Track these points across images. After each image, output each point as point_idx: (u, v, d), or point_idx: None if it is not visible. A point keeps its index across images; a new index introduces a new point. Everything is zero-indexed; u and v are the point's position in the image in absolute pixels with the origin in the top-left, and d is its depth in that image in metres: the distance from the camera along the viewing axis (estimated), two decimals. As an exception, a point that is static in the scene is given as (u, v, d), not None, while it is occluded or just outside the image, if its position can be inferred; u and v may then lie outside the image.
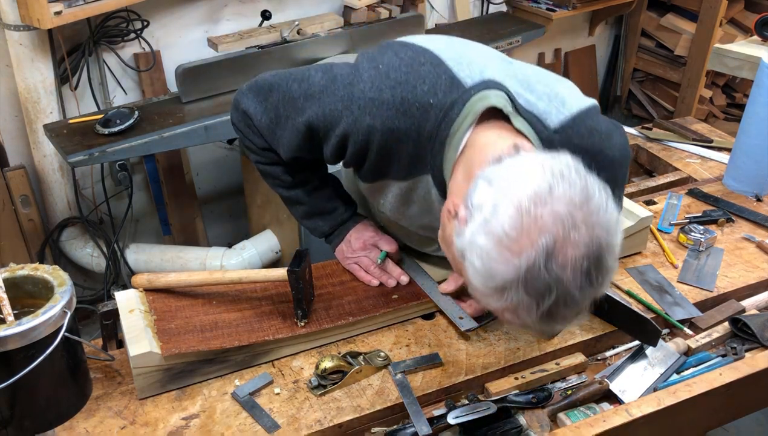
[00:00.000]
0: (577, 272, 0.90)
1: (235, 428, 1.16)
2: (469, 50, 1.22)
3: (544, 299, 0.90)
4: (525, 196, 0.89)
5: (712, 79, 4.23)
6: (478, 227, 0.92)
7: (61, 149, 2.28)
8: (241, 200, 3.16)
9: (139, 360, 1.18)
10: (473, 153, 1.10)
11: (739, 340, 1.40)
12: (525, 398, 1.22)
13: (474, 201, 0.95)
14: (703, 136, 2.18)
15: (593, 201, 0.91)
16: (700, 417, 1.31)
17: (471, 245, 0.93)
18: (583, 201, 0.90)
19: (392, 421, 1.22)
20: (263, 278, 1.34)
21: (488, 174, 0.96)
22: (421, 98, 1.13)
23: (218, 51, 2.70)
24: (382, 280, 1.43)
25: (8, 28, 2.39)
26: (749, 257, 1.61)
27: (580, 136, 1.15)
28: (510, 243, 0.89)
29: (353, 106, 1.15)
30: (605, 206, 0.92)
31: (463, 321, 1.33)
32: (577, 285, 0.90)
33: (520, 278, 0.89)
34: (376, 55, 1.19)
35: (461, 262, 0.97)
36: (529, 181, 0.91)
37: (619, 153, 1.21)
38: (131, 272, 2.83)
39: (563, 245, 0.88)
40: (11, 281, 1.17)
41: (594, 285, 0.92)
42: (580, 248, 0.89)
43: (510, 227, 0.89)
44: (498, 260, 0.90)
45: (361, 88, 1.15)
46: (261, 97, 1.28)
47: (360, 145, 1.17)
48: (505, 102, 1.11)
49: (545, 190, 0.89)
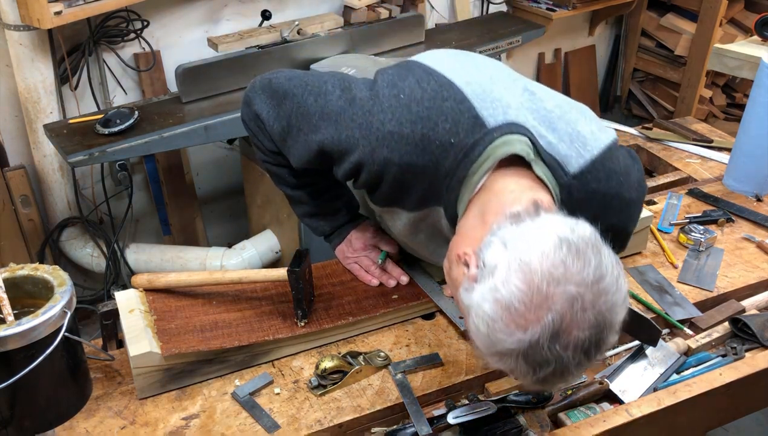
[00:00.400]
0: (577, 351, 0.90)
1: (235, 428, 1.16)
2: (494, 84, 1.16)
3: (542, 370, 0.91)
4: (539, 270, 0.89)
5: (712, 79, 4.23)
6: (487, 292, 0.92)
7: (61, 149, 2.28)
8: (241, 200, 3.16)
9: (139, 360, 1.18)
10: (490, 197, 1.09)
11: (739, 340, 1.40)
12: (525, 398, 1.22)
13: (486, 260, 0.94)
14: (703, 136, 2.18)
15: (605, 281, 0.91)
16: (700, 417, 1.31)
17: (477, 308, 0.93)
18: (595, 281, 0.90)
19: (392, 421, 1.22)
20: (263, 278, 1.34)
21: (504, 234, 0.95)
22: (442, 136, 1.10)
23: (218, 51, 2.70)
24: (382, 280, 1.43)
25: (8, 28, 2.38)
26: (749, 257, 1.61)
27: (597, 180, 1.14)
28: (517, 316, 0.89)
29: (371, 136, 1.12)
30: (615, 286, 0.92)
31: (463, 321, 1.33)
32: (576, 362, 0.91)
33: (521, 351, 0.90)
34: (397, 81, 1.15)
35: (465, 315, 0.98)
36: (544, 255, 0.90)
37: (636, 193, 1.21)
38: (131, 272, 2.83)
39: (569, 326, 0.88)
40: (11, 281, 1.17)
41: (591, 360, 0.93)
42: (584, 331, 0.89)
43: (519, 301, 0.89)
44: (502, 329, 0.90)
45: (380, 118, 1.11)
46: (274, 102, 1.25)
47: (374, 175, 1.15)
48: (527, 149, 1.09)
49: (560, 267, 0.89)
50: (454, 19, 3.68)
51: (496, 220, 1.00)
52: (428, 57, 1.21)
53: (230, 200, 3.36)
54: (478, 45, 3.09)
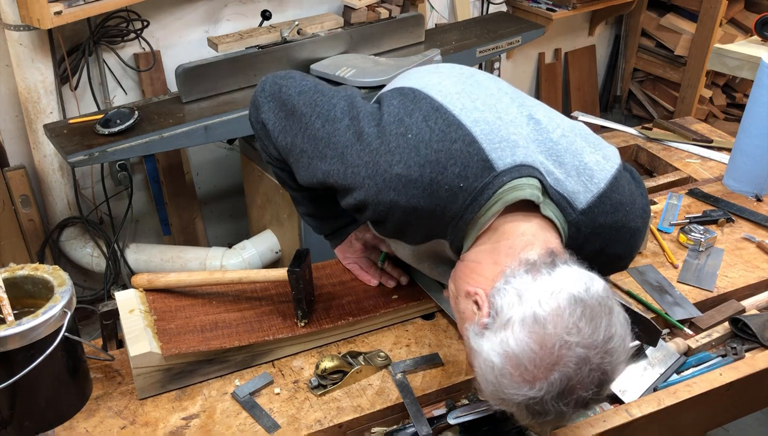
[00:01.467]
0: (578, 406, 0.95)
1: (235, 428, 1.16)
2: (500, 119, 1.14)
3: (541, 417, 0.96)
4: (552, 333, 0.91)
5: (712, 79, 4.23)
6: (498, 345, 0.94)
7: (61, 149, 2.28)
8: (241, 200, 3.16)
9: (139, 360, 1.18)
10: (499, 237, 1.09)
11: (739, 340, 1.40)
12: (525, 398, 1.22)
13: (499, 308, 0.96)
14: (703, 136, 2.18)
15: (613, 343, 0.94)
16: (700, 417, 1.31)
17: (487, 357, 0.95)
18: (604, 343, 0.93)
19: (392, 421, 1.22)
20: (263, 278, 1.34)
21: (519, 285, 0.97)
22: (451, 181, 1.08)
23: (218, 51, 2.70)
24: (381, 280, 1.43)
25: (8, 28, 2.38)
26: (749, 257, 1.61)
27: (605, 214, 1.15)
28: (525, 373, 0.92)
29: (377, 177, 1.10)
30: (622, 347, 0.96)
31: (463, 321, 1.33)
32: (574, 413, 0.96)
33: (525, 402, 0.94)
34: (404, 116, 1.12)
35: (470, 355, 1.01)
36: (558, 317, 0.92)
37: (641, 221, 1.21)
38: (131, 272, 2.83)
39: (574, 386, 0.92)
40: (11, 281, 1.17)
41: (588, 410, 0.99)
42: (587, 389, 0.93)
43: (529, 360, 0.92)
44: (510, 382, 0.93)
45: (388, 160, 1.09)
46: (281, 115, 1.23)
47: (380, 214, 1.13)
48: (536, 193, 1.09)
49: (573, 330, 0.91)
50: (454, 19, 3.68)
51: (508, 263, 1.01)
52: (431, 82, 1.18)
53: (230, 200, 3.36)
54: (478, 45, 3.09)
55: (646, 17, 4.33)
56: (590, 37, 4.45)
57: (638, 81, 4.56)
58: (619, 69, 4.57)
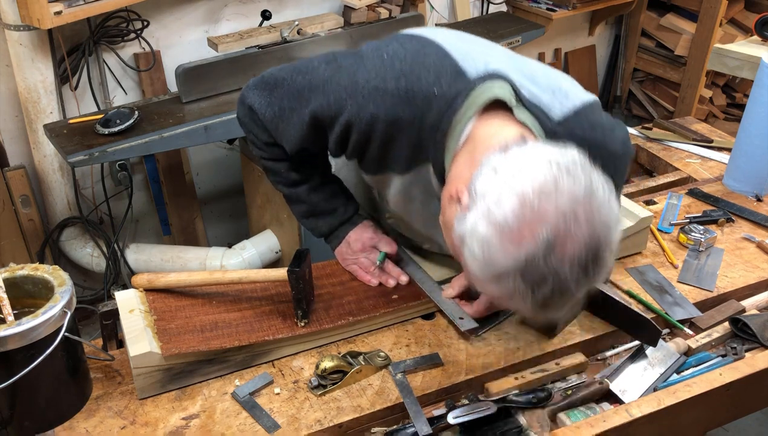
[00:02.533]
0: (574, 266, 0.92)
1: (235, 428, 1.16)
2: (475, 45, 1.23)
3: (540, 289, 0.93)
4: (530, 188, 0.91)
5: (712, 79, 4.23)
6: (481, 215, 0.93)
7: (61, 149, 2.28)
8: (241, 200, 3.16)
9: (139, 360, 1.18)
10: (476, 144, 1.10)
11: (739, 340, 1.40)
12: (525, 398, 1.22)
13: (478, 188, 0.96)
14: (703, 136, 2.18)
15: (596, 197, 0.92)
16: (700, 417, 1.31)
17: (472, 232, 0.94)
18: (586, 197, 0.91)
19: (392, 421, 1.22)
20: (263, 278, 1.34)
21: (494, 162, 0.97)
22: (426, 88, 1.12)
23: (218, 51, 2.70)
24: (381, 280, 1.43)
25: (8, 28, 2.39)
26: (749, 257, 1.61)
27: (582, 128, 1.15)
28: (511, 233, 0.91)
29: (357, 95, 1.14)
30: (607, 203, 0.94)
31: (463, 321, 1.33)
32: (574, 278, 0.92)
33: (518, 268, 0.91)
34: (382, 45, 1.19)
35: (460, 247, 0.98)
36: (535, 174, 0.92)
37: (621, 147, 1.21)
38: (131, 272, 2.83)
39: (564, 239, 0.90)
40: (11, 281, 1.17)
41: (590, 278, 0.94)
42: (579, 244, 0.91)
43: (513, 218, 0.90)
44: (498, 248, 0.92)
45: (365, 77, 1.14)
46: (266, 92, 1.28)
47: (363, 134, 1.17)
48: (509, 94, 1.11)
49: (550, 184, 0.91)
50: (454, 19, 3.68)
51: (485, 155, 1.01)
52: (411, 29, 1.27)
53: (230, 200, 3.36)
54: (478, 45, 3.09)
55: (646, 17, 4.33)
56: (590, 37, 4.45)
57: (638, 81, 4.56)
58: (619, 69, 4.57)
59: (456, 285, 1.38)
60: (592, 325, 1.38)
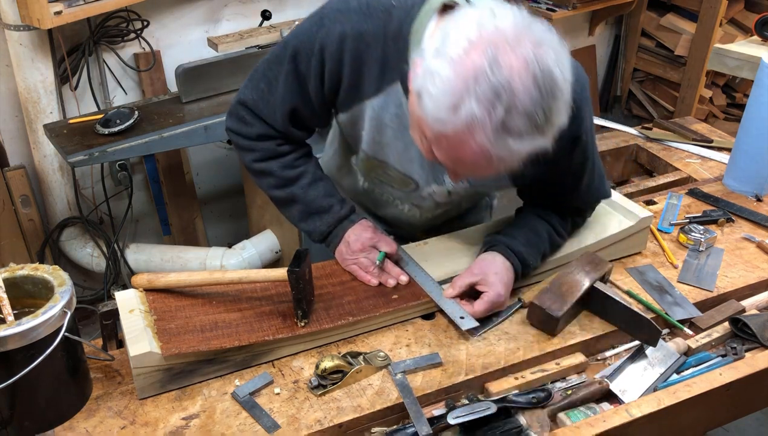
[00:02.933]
0: (524, 77, 0.96)
1: (235, 428, 1.16)
2: None
3: (495, 109, 0.97)
4: (473, 22, 1.00)
5: (712, 79, 4.23)
6: (431, 57, 1.02)
7: (61, 149, 2.28)
8: (241, 200, 3.16)
9: (139, 360, 1.18)
10: None
11: (739, 340, 1.40)
12: (525, 398, 1.22)
13: (425, 46, 1.08)
14: (703, 136, 2.18)
15: (536, 29, 1.01)
16: (700, 417, 1.31)
17: (424, 79, 1.02)
18: (526, 26, 1.00)
19: (392, 421, 1.22)
20: (263, 278, 1.34)
21: (439, 26, 1.11)
22: (384, 2, 1.23)
23: (218, 51, 2.70)
24: (381, 279, 1.43)
25: (8, 28, 2.39)
26: (749, 257, 1.61)
27: None
28: (459, 59, 0.98)
29: (325, 20, 1.26)
30: (550, 39, 1.01)
31: (463, 321, 1.33)
32: (527, 91, 0.97)
33: (470, 87, 0.97)
34: None
35: (417, 103, 1.05)
36: (475, 15, 1.02)
37: (577, 94, 1.17)
38: (131, 272, 2.83)
39: (507, 52, 0.97)
40: (11, 281, 1.17)
41: (543, 96, 0.97)
42: (524, 58, 0.97)
43: (459, 47, 0.99)
44: (450, 75, 0.98)
45: (330, 5, 1.27)
46: (252, 83, 1.40)
47: (335, 55, 1.25)
48: None
49: (490, 16, 1.01)
50: (454, 19, 3.67)
51: None
52: None
53: (230, 200, 3.36)
54: (478, 45, 3.09)
55: (646, 17, 4.33)
56: (590, 37, 4.45)
57: (638, 81, 4.56)
58: (619, 69, 4.57)
59: (457, 285, 1.38)
60: (592, 325, 1.38)
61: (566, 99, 1.03)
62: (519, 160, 1.06)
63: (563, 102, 1.02)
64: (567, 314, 1.34)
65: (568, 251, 1.50)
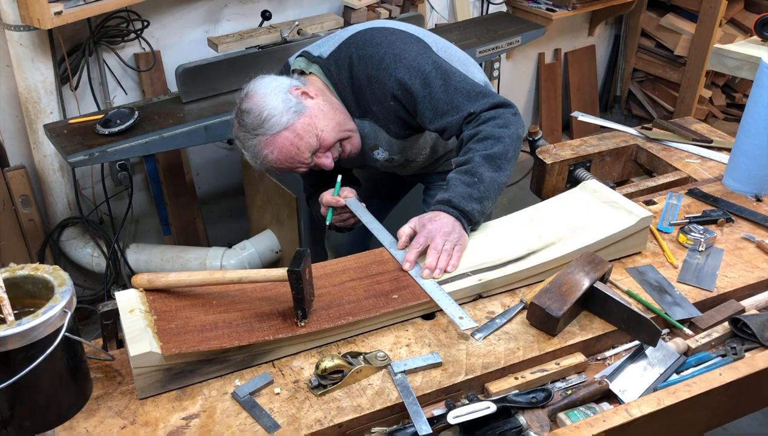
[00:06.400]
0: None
1: (235, 428, 1.16)
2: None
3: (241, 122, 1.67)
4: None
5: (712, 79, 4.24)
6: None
7: (61, 149, 2.28)
8: (241, 200, 3.16)
9: (139, 360, 1.18)
10: None
11: (739, 340, 1.40)
12: (525, 398, 1.22)
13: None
14: (703, 136, 2.18)
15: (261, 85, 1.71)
16: (699, 417, 1.31)
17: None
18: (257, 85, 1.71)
19: (392, 421, 1.22)
20: (263, 278, 1.34)
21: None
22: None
23: (218, 51, 2.70)
24: (333, 202, 1.77)
25: (8, 28, 2.39)
26: (749, 257, 1.61)
27: (347, 51, 1.73)
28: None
29: None
30: (264, 89, 1.68)
31: (463, 321, 1.33)
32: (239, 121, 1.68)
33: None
34: None
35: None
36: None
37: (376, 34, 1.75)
38: (131, 271, 2.84)
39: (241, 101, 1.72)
40: (11, 281, 1.17)
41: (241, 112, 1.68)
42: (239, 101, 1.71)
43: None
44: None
45: None
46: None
47: None
48: (300, 61, 1.80)
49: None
50: (454, 20, 3.68)
51: None
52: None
53: (230, 200, 3.36)
54: (478, 45, 3.09)
55: (646, 17, 4.34)
56: (590, 37, 4.45)
57: (638, 81, 4.56)
58: (619, 69, 4.57)
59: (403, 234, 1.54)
60: (592, 325, 1.39)
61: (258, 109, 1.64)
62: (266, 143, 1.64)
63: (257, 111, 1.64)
64: (567, 314, 1.34)
65: (568, 251, 1.50)
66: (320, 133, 1.66)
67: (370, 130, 1.77)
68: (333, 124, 1.69)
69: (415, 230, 1.52)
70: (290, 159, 1.66)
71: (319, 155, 1.70)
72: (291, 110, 1.62)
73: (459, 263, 1.46)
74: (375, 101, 1.70)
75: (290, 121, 1.62)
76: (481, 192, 1.52)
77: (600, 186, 1.68)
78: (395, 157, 1.84)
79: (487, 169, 1.53)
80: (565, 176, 2.11)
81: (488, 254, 1.50)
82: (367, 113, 1.74)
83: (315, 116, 1.66)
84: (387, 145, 1.80)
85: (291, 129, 1.63)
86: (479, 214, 1.53)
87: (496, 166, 1.55)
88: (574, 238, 1.53)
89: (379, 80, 1.66)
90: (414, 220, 1.54)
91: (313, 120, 1.65)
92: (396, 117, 1.71)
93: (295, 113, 1.63)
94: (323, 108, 1.68)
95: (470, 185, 1.52)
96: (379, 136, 1.78)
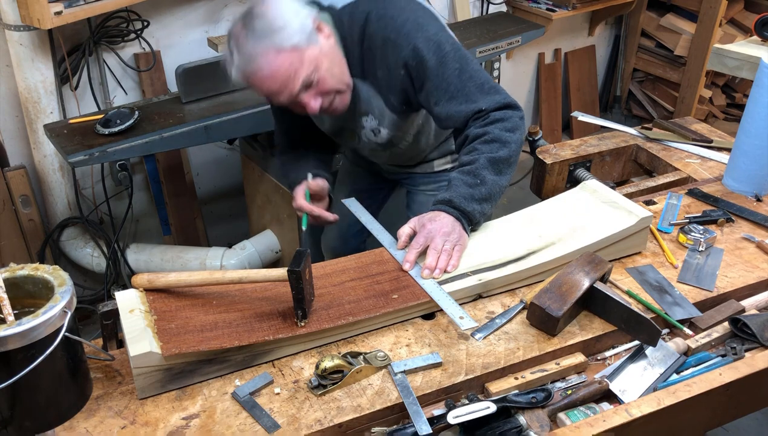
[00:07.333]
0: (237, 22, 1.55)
1: (235, 428, 1.16)
2: None
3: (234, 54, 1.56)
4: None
5: (712, 79, 4.24)
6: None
7: (61, 149, 2.28)
8: (241, 200, 3.17)
9: (139, 360, 1.18)
10: None
11: (739, 340, 1.40)
12: (525, 398, 1.22)
13: None
14: (703, 136, 2.18)
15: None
16: (699, 417, 1.31)
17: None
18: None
19: (392, 421, 1.22)
20: (263, 278, 1.34)
21: None
22: None
23: (218, 51, 2.70)
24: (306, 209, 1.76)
25: (8, 28, 2.39)
26: (749, 257, 1.61)
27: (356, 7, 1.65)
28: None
29: None
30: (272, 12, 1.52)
31: (463, 321, 1.33)
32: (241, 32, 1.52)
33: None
34: None
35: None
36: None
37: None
38: (131, 271, 2.84)
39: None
40: (11, 281, 1.17)
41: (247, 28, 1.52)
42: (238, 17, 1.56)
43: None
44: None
45: None
46: None
47: None
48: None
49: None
50: (453, 19, 3.68)
51: None
52: None
53: (230, 200, 3.36)
54: (478, 45, 3.09)
55: (646, 17, 4.34)
56: (590, 37, 4.45)
57: (638, 81, 4.57)
58: (619, 69, 4.57)
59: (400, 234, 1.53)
60: (592, 325, 1.39)
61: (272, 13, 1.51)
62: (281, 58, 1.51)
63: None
64: (567, 314, 1.34)
65: (568, 251, 1.50)
66: (323, 73, 1.56)
67: (366, 93, 1.71)
68: (337, 71, 1.61)
69: (414, 230, 1.51)
70: (282, 82, 1.53)
71: (310, 95, 1.58)
72: (305, 34, 1.52)
73: (459, 263, 1.46)
74: (383, 66, 1.63)
75: (300, 43, 1.51)
76: (483, 194, 1.52)
77: (600, 186, 1.68)
78: (382, 129, 1.77)
79: (490, 172, 1.53)
80: (565, 176, 2.12)
81: (488, 254, 1.50)
82: (368, 75, 1.68)
83: (324, 54, 1.56)
84: (378, 115, 1.73)
85: (298, 52, 1.51)
86: (480, 215, 1.53)
87: (499, 171, 1.54)
88: (574, 238, 1.53)
89: (396, 45, 1.59)
90: (414, 220, 1.54)
91: (321, 56, 1.55)
92: (400, 88, 1.65)
93: (307, 40, 1.52)
94: (333, 51, 1.60)
95: (472, 187, 1.52)
96: (372, 103, 1.72)
